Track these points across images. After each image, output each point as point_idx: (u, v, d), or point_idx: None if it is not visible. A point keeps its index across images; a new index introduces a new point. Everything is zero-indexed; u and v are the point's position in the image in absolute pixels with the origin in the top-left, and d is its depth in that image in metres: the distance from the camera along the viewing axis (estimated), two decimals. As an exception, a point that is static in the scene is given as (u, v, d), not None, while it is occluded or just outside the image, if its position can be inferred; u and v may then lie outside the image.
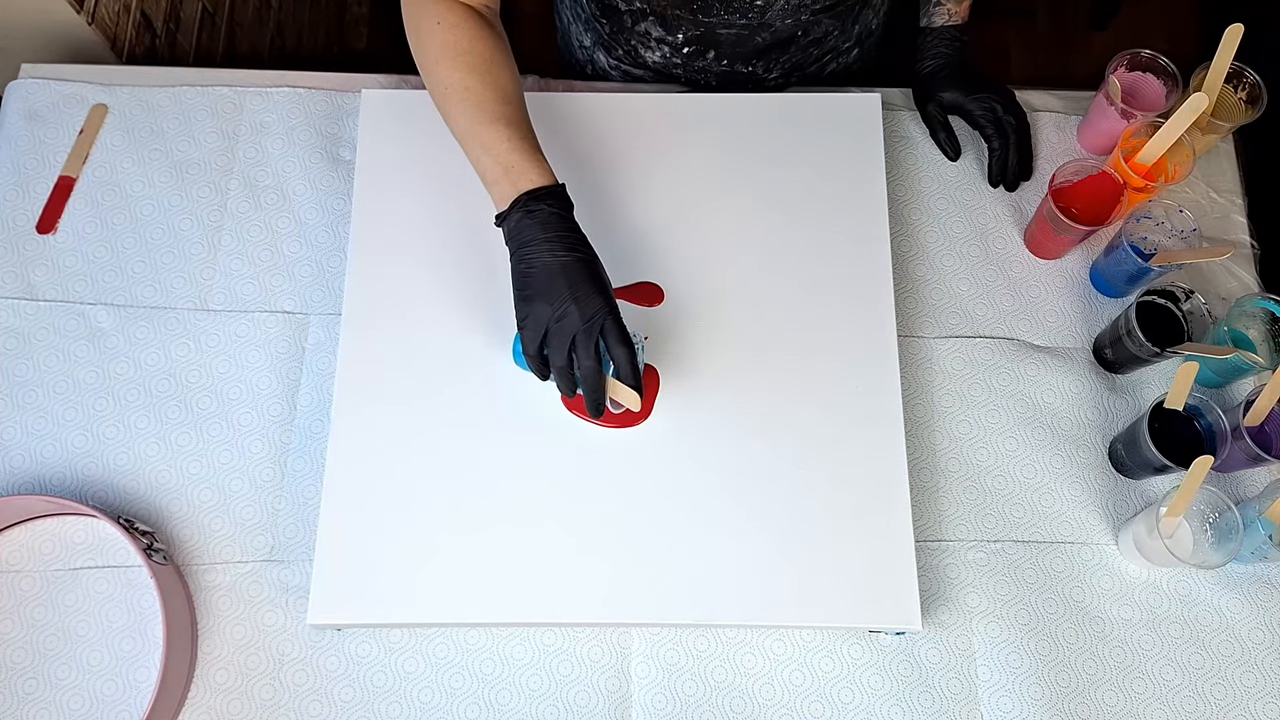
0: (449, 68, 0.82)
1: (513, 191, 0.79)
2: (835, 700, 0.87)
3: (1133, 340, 0.91)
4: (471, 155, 0.82)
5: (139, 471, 0.92)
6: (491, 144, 0.80)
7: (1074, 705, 0.86)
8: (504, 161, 0.80)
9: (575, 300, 0.77)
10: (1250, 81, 0.98)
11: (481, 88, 0.82)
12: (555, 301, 0.77)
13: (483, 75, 0.82)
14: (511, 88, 0.83)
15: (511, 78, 0.84)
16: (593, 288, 0.78)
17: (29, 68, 1.06)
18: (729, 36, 1.01)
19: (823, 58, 1.09)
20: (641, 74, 1.11)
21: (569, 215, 0.80)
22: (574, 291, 0.77)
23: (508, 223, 0.80)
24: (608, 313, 0.78)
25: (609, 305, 0.78)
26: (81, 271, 0.98)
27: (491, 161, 0.80)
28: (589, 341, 0.77)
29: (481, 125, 0.81)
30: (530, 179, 0.79)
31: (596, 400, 0.80)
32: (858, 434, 0.89)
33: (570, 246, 0.78)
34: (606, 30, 1.07)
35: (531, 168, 0.79)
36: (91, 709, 0.85)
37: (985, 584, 0.90)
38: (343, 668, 0.87)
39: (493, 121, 0.80)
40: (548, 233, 0.78)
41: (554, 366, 0.79)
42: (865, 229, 0.96)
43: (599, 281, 0.79)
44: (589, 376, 0.78)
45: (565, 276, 0.77)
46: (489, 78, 0.82)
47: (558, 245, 0.78)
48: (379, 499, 0.87)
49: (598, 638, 0.88)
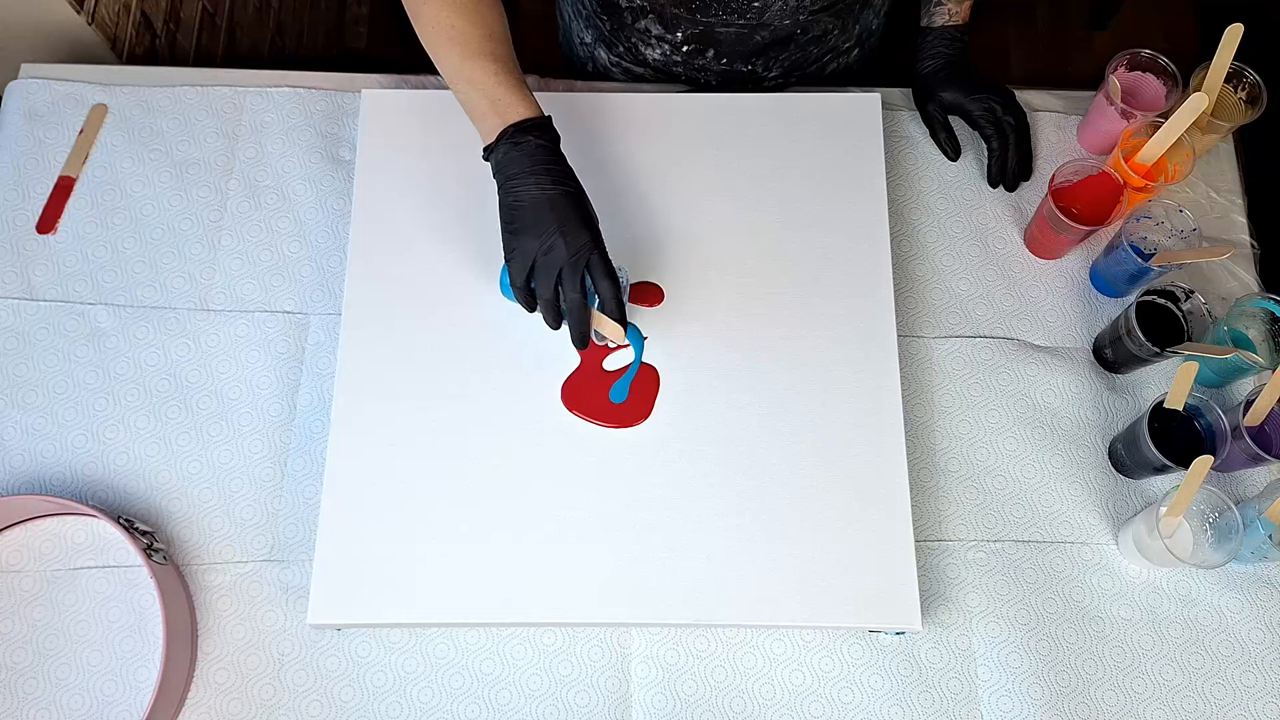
0: (436, 7, 0.83)
1: (500, 124, 0.80)
2: (835, 700, 0.87)
3: (1133, 340, 0.91)
4: (459, 92, 0.83)
5: (139, 471, 0.92)
6: (478, 79, 0.81)
7: (1074, 705, 0.86)
8: (490, 95, 0.81)
9: (562, 234, 0.78)
10: (1250, 81, 0.98)
11: (468, 26, 0.83)
12: (542, 234, 0.78)
13: (470, 15, 0.83)
14: (498, 27, 0.84)
15: (498, 18, 0.85)
16: (579, 221, 0.79)
17: (29, 68, 1.06)
18: (728, 35, 1.01)
19: (823, 57, 1.09)
20: (642, 71, 1.11)
21: (556, 148, 0.81)
22: (561, 225, 0.78)
23: (495, 155, 0.81)
24: (593, 247, 0.79)
25: (595, 239, 0.79)
26: (81, 271, 0.98)
27: (479, 96, 0.81)
28: (575, 275, 0.78)
29: (468, 62, 0.82)
30: (517, 111, 0.80)
31: (582, 332, 0.81)
32: (858, 434, 0.89)
33: (557, 179, 0.79)
34: (607, 27, 1.08)
35: (518, 101, 0.80)
36: (92, 709, 0.85)
37: (985, 584, 0.90)
38: (343, 668, 0.87)
39: (479, 58, 0.82)
40: (535, 165, 0.79)
41: (540, 299, 0.80)
42: (865, 229, 0.96)
43: (585, 215, 0.80)
44: (574, 309, 0.80)
45: (553, 209, 0.79)
46: (475, 16, 0.83)
47: (545, 178, 0.79)
48: (379, 499, 0.87)
49: (597, 638, 0.88)
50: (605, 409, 0.89)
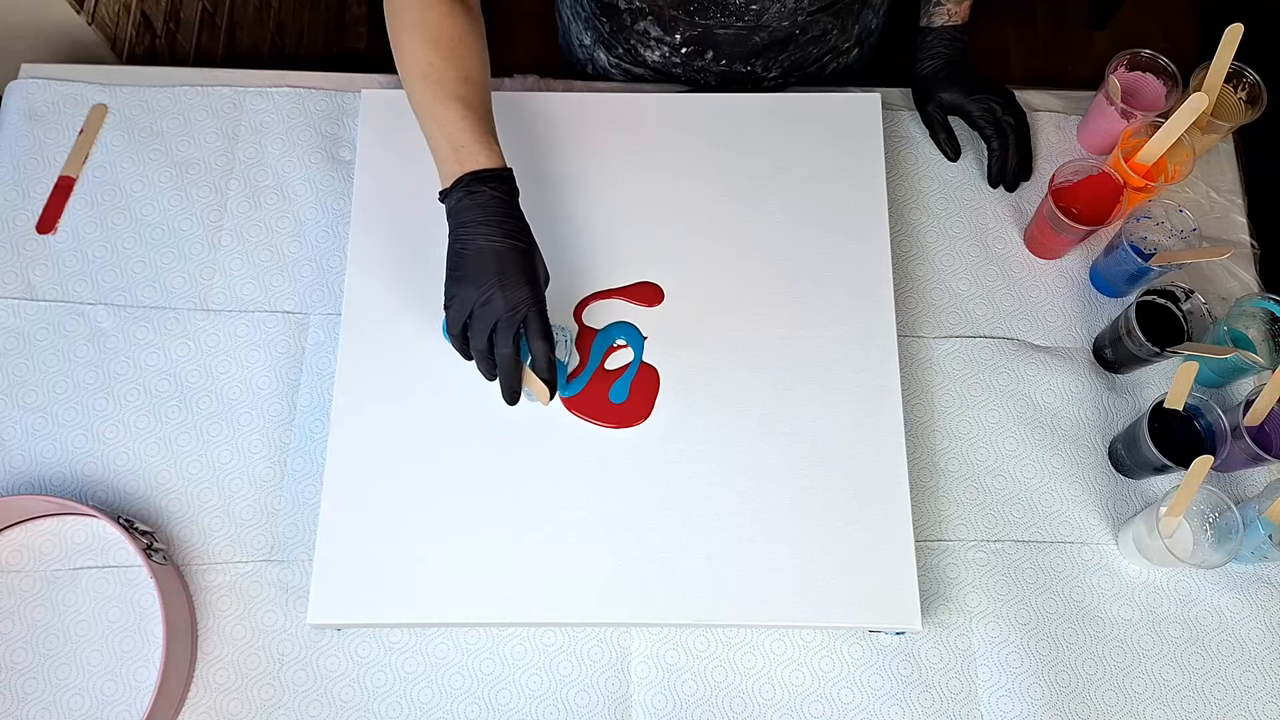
0: (415, 43, 0.83)
1: (458, 170, 0.80)
2: (835, 700, 0.87)
3: (1133, 340, 0.91)
4: (426, 131, 0.83)
5: (139, 471, 0.92)
6: (446, 122, 0.81)
7: (1074, 705, 0.86)
8: (454, 140, 0.80)
9: (502, 287, 0.78)
10: (1250, 81, 0.98)
11: (444, 66, 0.82)
12: (482, 286, 0.78)
13: (447, 54, 0.83)
14: (475, 70, 0.84)
15: (477, 61, 0.85)
16: (522, 277, 0.79)
17: (29, 68, 1.06)
18: (726, 37, 1.01)
19: (823, 57, 1.09)
20: (641, 73, 1.11)
21: (512, 201, 0.81)
22: (502, 279, 0.78)
23: (449, 200, 0.81)
24: (532, 304, 0.79)
25: (535, 296, 0.79)
26: (81, 271, 0.98)
27: (443, 138, 0.81)
28: (509, 330, 0.78)
29: (439, 103, 0.81)
30: (477, 160, 0.80)
31: (511, 388, 0.81)
32: (858, 433, 0.89)
33: (508, 232, 0.79)
34: (606, 29, 1.08)
35: (480, 149, 0.80)
36: (92, 709, 0.85)
37: (985, 584, 0.90)
38: (343, 668, 0.87)
39: (450, 100, 0.81)
40: (486, 215, 0.79)
41: (474, 349, 0.80)
42: (865, 229, 0.96)
43: (530, 271, 0.80)
44: (505, 364, 0.80)
45: (496, 262, 0.78)
46: (453, 57, 0.83)
47: (494, 230, 0.79)
48: (379, 499, 0.87)
49: (598, 638, 0.88)
50: (605, 409, 0.89)
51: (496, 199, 0.79)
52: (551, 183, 0.97)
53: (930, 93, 1.02)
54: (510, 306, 0.78)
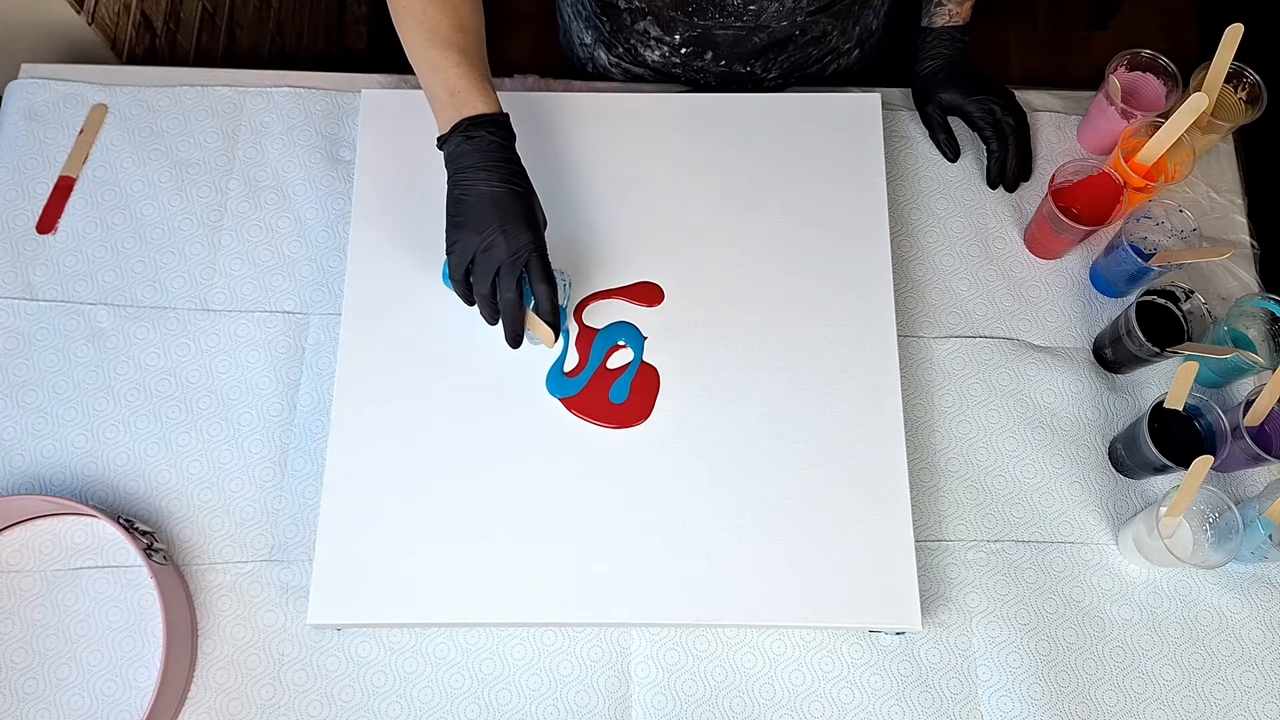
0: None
1: (455, 115, 0.80)
2: (835, 700, 0.87)
3: (1133, 340, 0.91)
4: (421, 78, 0.83)
5: (139, 471, 0.92)
6: (441, 68, 0.81)
7: (1074, 705, 0.86)
8: (450, 86, 0.81)
9: (504, 231, 0.78)
10: (1250, 81, 0.98)
11: (438, 13, 0.83)
12: (484, 231, 0.79)
13: (441, 2, 0.83)
14: (470, 19, 0.84)
15: (472, 10, 0.85)
16: (522, 221, 0.79)
17: (29, 68, 1.06)
18: (726, 37, 1.01)
19: (823, 58, 1.09)
20: (641, 72, 1.11)
21: (510, 145, 0.81)
22: (503, 223, 0.78)
23: (447, 146, 0.81)
24: (533, 248, 0.79)
25: (536, 240, 0.80)
26: (81, 271, 0.98)
27: (439, 85, 0.81)
28: (512, 274, 0.79)
29: (433, 49, 0.82)
30: (474, 105, 0.80)
31: (515, 331, 0.82)
32: (858, 434, 0.89)
33: (506, 177, 0.80)
34: (606, 28, 1.08)
35: (477, 95, 0.80)
36: (92, 709, 0.85)
37: (985, 584, 0.90)
38: (343, 668, 0.87)
39: (444, 47, 0.81)
40: (485, 160, 0.79)
41: (477, 294, 0.81)
42: (865, 229, 0.96)
43: (530, 215, 0.80)
44: (508, 308, 0.80)
45: (497, 207, 0.79)
46: (447, 5, 0.83)
47: (494, 174, 0.79)
48: (379, 499, 0.87)
49: (597, 638, 0.88)
50: (605, 409, 0.89)
51: (495, 144, 0.80)
52: (551, 182, 0.97)
53: (930, 93, 1.02)
54: (513, 251, 0.78)
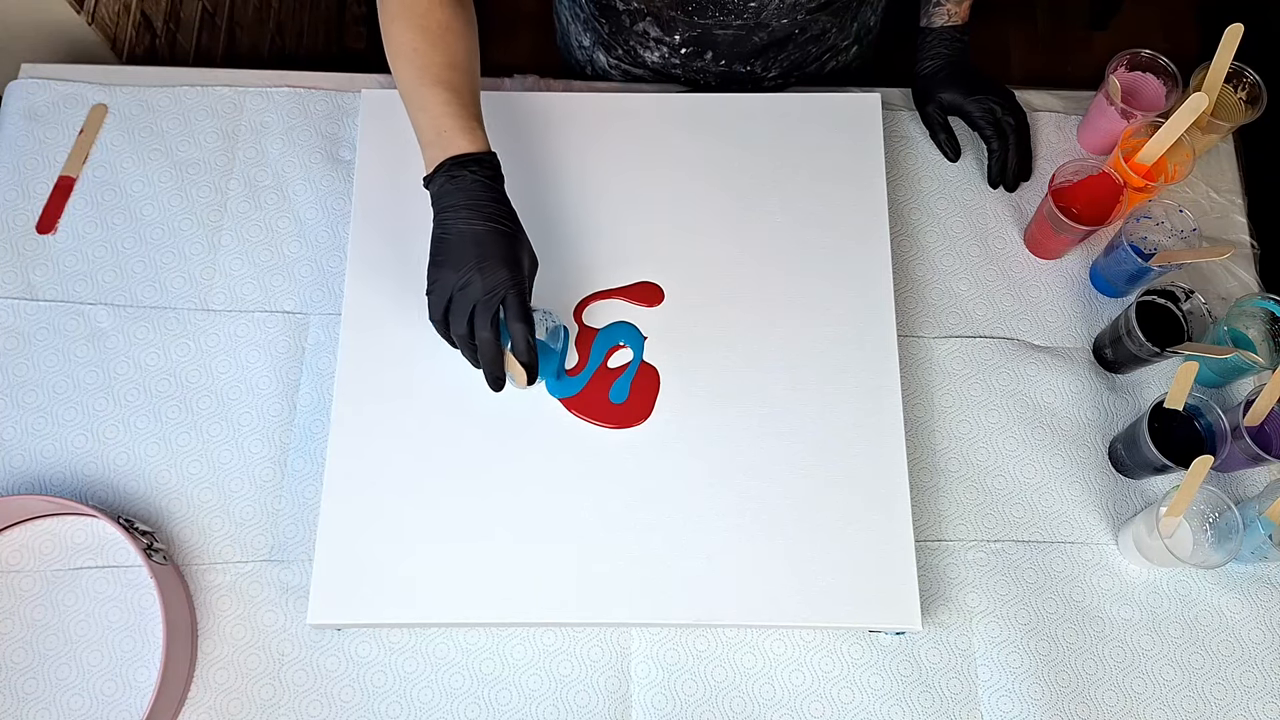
0: (402, 27, 0.83)
1: (440, 155, 0.80)
2: (835, 700, 0.87)
3: (1133, 340, 0.91)
4: (411, 116, 0.83)
5: (139, 471, 0.92)
6: (429, 106, 0.81)
7: (1074, 705, 0.86)
8: (437, 125, 0.81)
9: (480, 270, 0.78)
10: (1250, 81, 0.98)
11: (430, 50, 0.82)
12: (461, 270, 0.78)
13: (434, 39, 0.83)
14: (462, 56, 0.84)
15: (465, 48, 0.85)
16: (500, 259, 0.78)
17: (29, 68, 1.06)
18: (726, 37, 1.01)
19: (822, 55, 1.09)
20: (641, 74, 1.11)
21: (495, 184, 0.81)
22: (481, 262, 0.78)
23: (432, 185, 0.81)
24: (510, 286, 0.78)
25: (515, 278, 0.79)
26: (81, 271, 0.98)
27: (427, 124, 0.81)
28: (487, 313, 0.78)
29: (423, 87, 0.82)
30: (459, 144, 0.80)
31: (493, 374, 0.81)
32: (858, 434, 0.89)
33: (488, 216, 0.79)
34: (605, 30, 1.08)
35: (462, 134, 0.80)
36: (92, 708, 0.85)
37: (985, 584, 0.90)
38: (343, 668, 0.87)
39: (434, 85, 0.81)
40: (467, 199, 0.79)
41: (454, 334, 0.80)
42: (865, 229, 0.96)
43: (510, 254, 0.79)
44: (483, 348, 0.80)
45: (476, 245, 0.78)
46: (440, 42, 0.83)
47: (475, 214, 0.79)
48: (379, 499, 0.87)
49: (597, 638, 0.88)
50: (605, 409, 0.89)
51: (478, 183, 0.80)
52: (551, 183, 0.97)
53: (930, 93, 1.02)
54: (488, 290, 0.78)
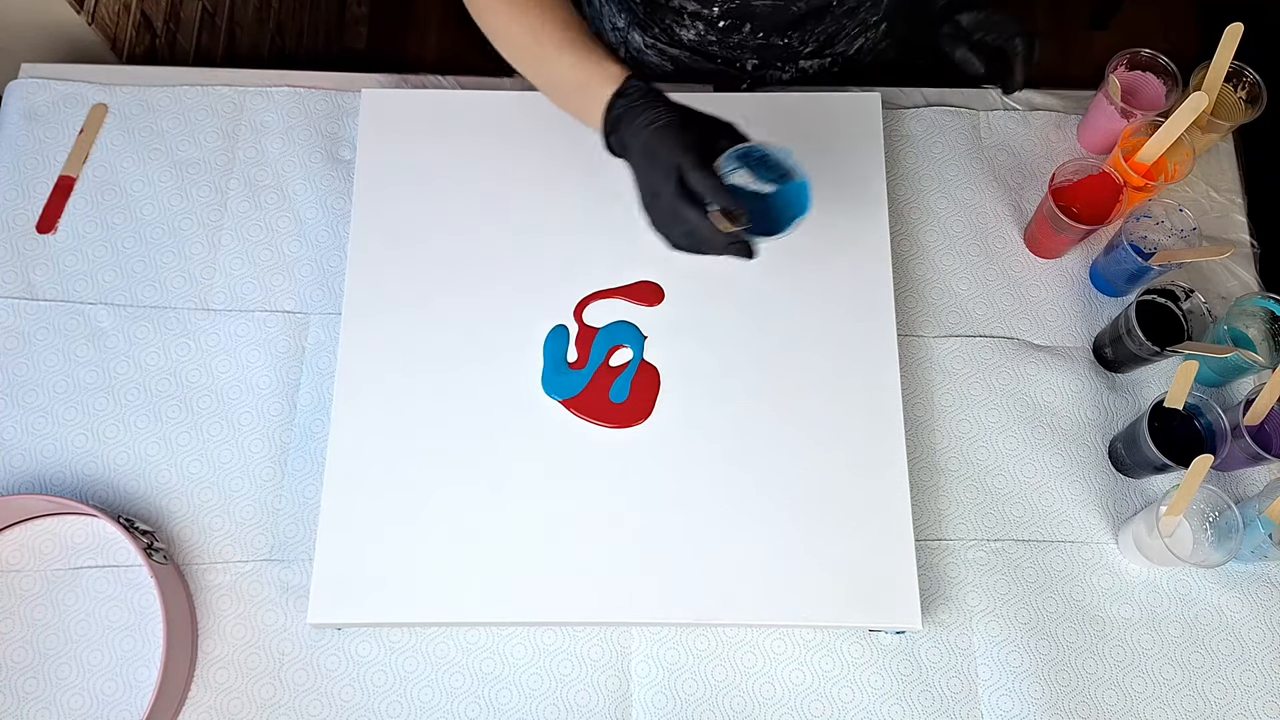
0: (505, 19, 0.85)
1: (596, 120, 0.82)
2: (835, 699, 0.87)
3: (1133, 339, 0.91)
4: (551, 98, 0.86)
5: (139, 471, 0.92)
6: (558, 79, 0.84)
7: (1074, 704, 0.86)
8: (576, 96, 0.83)
9: (652, 183, 0.79)
10: (1250, 81, 0.98)
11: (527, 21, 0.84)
12: (645, 196, 0.80)
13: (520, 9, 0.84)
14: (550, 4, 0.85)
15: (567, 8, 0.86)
16: (658, 159, 0.78)
17: (29, 67, 1.06)
18: (765, 8, 1.00)
19: (853, 30, 1.08)
20: (677, 53, 1.10)
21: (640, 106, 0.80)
22: (650, 174, 0.79)
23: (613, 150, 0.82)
24: (673, 167, 0.77)
25: (675, 157, 0.77)
26: (81, 271, 0.98)
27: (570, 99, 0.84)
28: (677, 204, 0.77)
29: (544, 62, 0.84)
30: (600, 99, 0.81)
31: (719, 249, 0.79)
32: (858, 433, 0.89)
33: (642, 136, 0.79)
34: (641, 10, 1.07)
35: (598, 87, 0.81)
36: (92, 708, 0.85)
37: (985, 583, 0.90)
38: (343, 667, 0.87)
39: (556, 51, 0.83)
40: (628, 143, 0.80)
41: (680, 247, 0.80)
42: (865, 229, 0.96)
43: (666, 143, 0.78)
44: (694, 235, 0.78)
45: (646, 168, 0.79)
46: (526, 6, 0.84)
47: (633, 148, 0.80)
48: (379, 498, 0.87)
49: (598, 637, 0.88)
50: (605, 409, 0.89)
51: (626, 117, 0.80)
52: (551, 182, 0.97)
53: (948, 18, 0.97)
54: (660, 187, 0.78)
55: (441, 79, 1.07)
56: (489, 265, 0.93)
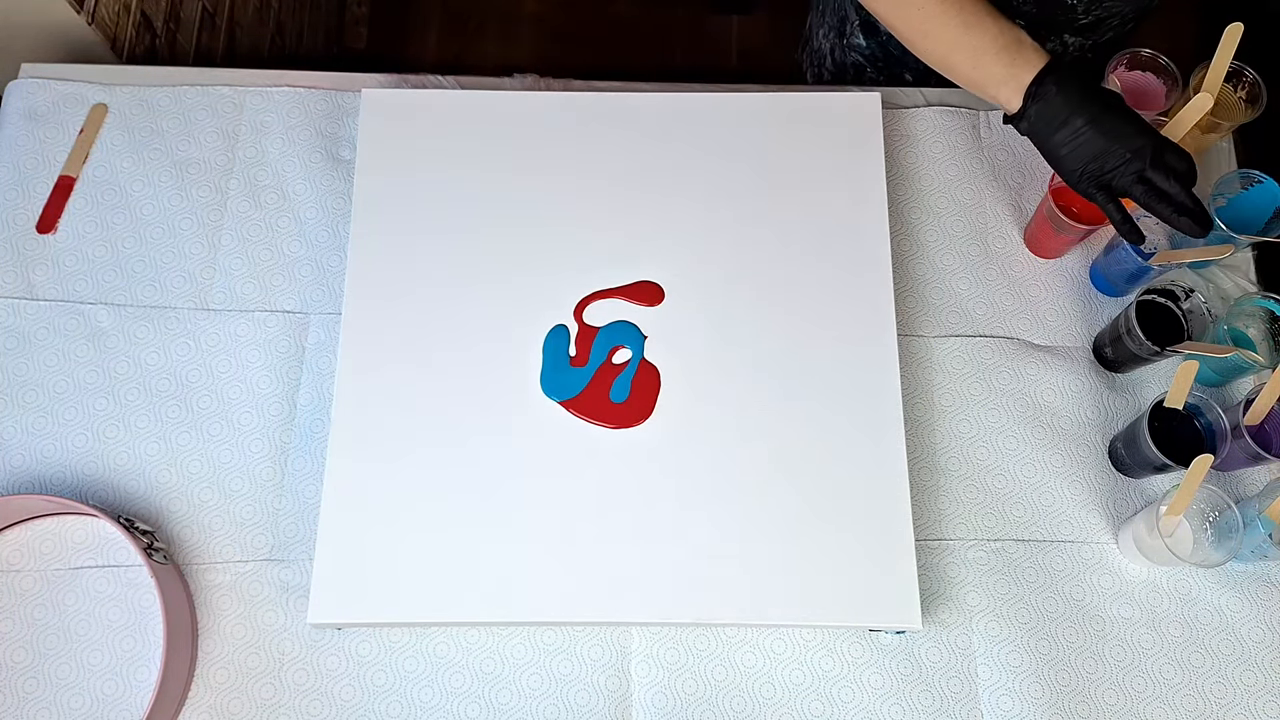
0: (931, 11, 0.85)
1: (1016, 101, 0.83)
2: (835, 699, 0.87)
3: (1133, 339, 0.91)
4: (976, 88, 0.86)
5: (139, 471, 0.92)
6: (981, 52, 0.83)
7: (1074, 704, 0.86)
8: (1003, 72, 0.83)
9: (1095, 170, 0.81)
10: (1250, 81, 0.98)
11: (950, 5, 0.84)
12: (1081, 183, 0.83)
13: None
14: None
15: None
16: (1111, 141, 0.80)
17: (29, 68, 1.06)
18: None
19: (1124, 10, 1.05)
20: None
21: (1060, 91, 0.81)
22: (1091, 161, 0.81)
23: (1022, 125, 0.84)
24: (1128, 161, 0.80)
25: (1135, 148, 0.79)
26: (81, 271, 0.98)
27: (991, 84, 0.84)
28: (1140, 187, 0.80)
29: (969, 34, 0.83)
30: (1019, 85, 0.82)
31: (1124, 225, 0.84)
32: (858, 433, 0.89)
33: (1068, 120, 0.81)
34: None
35: (1023, 69, 0.82)
36: (92, 708, 0.85)
37: (985, 583, 0.90)
38: (343, 667, 0.87)
39: (978, 24, 0.83)
40: (1044, 134, 0.83)
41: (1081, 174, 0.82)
42: (865, 229, 0.96)
43: (1096, 146, 0.80)
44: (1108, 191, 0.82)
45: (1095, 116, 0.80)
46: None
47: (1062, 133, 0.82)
48: (379, 498, 0.87)
49: (597, 637, 0.88)
50: (605, 409, 0.89)
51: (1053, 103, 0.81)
52: (551, 182, 0.97)
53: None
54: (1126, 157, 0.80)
55: (441, 79, 1.07)
56: (489, 265, 0.93)
